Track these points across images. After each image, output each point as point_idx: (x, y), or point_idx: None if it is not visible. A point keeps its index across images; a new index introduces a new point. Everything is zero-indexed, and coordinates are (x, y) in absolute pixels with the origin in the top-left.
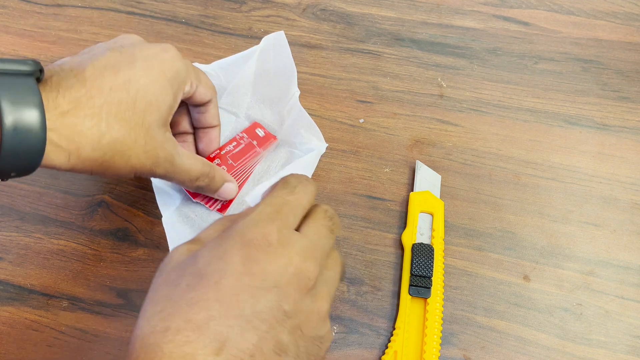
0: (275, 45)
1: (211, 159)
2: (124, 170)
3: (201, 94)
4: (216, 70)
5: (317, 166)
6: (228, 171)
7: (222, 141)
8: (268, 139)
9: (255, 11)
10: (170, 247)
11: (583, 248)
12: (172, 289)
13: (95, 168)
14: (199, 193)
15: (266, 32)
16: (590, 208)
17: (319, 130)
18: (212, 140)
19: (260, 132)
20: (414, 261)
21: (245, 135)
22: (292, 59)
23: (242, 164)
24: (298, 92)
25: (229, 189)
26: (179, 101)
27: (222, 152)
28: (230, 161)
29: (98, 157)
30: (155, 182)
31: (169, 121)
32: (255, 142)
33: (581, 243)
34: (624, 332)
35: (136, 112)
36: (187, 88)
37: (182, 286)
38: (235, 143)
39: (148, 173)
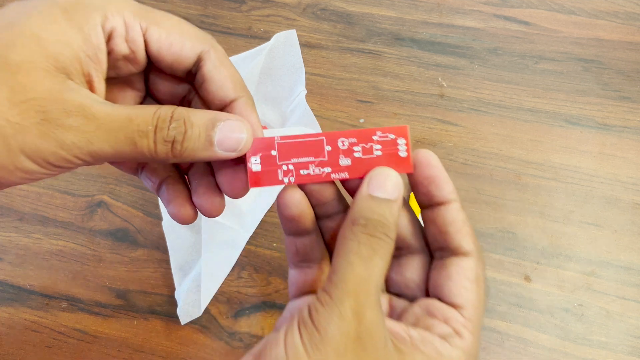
0: (285, 44)
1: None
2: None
3: (162, 44)
4: None
5: None
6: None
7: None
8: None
9: (255, 11)
10: (170, 250)
11: (584, 248)
12: None
13: None
14: None
15: (266, 32)
16: (591, 208)
17: (320, 129)
18: (245, 115)
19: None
20: None
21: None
22: (302, 58)
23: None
24: (305, 92)
25: (232, 128)
26: (91, 38)
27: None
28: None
29: None
30: None
31: (83, 71)
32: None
33: (582, 243)
34: (625, 332)
35: None
36: (101, 21)
37: None
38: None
39: (47, 143)
